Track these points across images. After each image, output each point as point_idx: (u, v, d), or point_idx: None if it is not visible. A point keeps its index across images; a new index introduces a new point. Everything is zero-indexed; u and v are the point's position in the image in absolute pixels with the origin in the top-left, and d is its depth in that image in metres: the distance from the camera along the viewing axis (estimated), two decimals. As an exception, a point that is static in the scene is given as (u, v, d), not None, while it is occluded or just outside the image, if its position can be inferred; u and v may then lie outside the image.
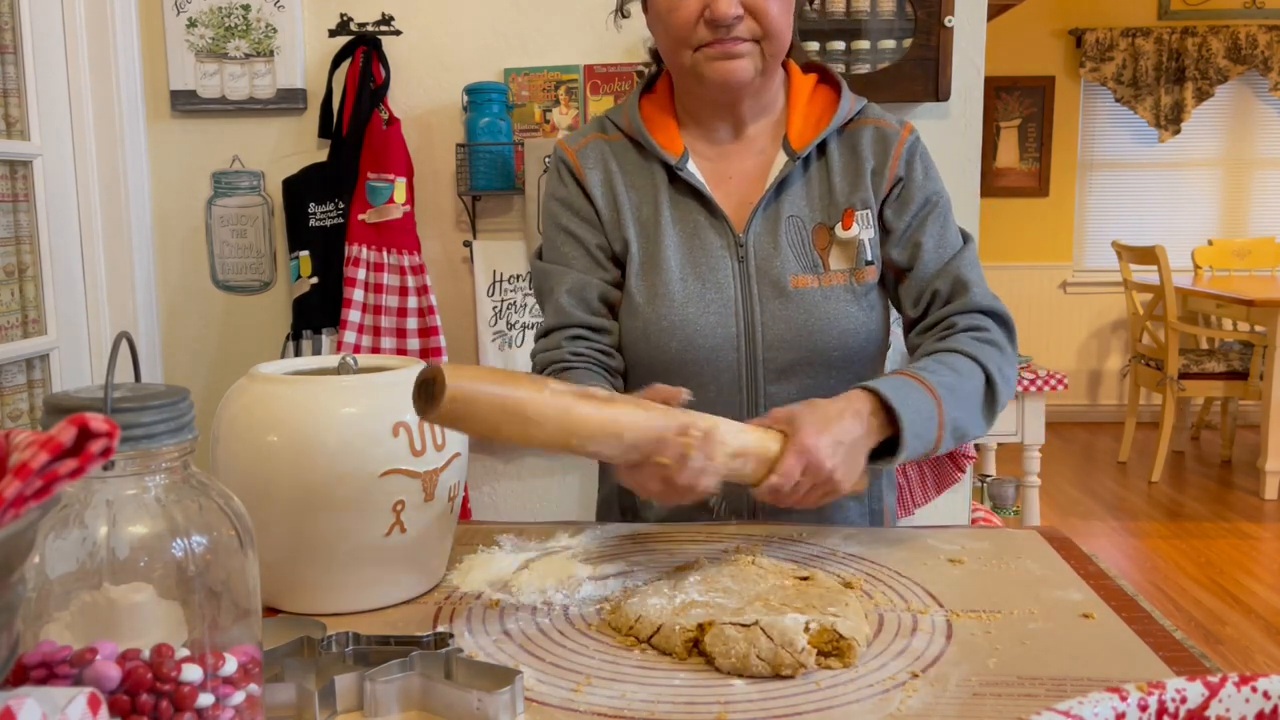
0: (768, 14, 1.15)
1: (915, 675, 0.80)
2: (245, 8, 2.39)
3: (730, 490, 1.18)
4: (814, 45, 2.35)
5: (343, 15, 2.41)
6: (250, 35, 2.40)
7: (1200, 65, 5.69)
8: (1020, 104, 5.84)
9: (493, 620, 0.92)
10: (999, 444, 3.55)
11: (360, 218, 2.33)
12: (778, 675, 0.79)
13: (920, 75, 2.31)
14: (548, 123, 2.40)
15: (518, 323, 2.43)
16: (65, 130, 2.30)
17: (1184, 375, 4.68)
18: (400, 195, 2.33)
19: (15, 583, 0.51)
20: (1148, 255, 4.66)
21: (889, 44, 2.34)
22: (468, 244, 2.44)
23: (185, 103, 2.43)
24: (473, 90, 2.33)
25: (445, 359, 2.38)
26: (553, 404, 0.86)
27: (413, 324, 2.37)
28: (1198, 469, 5.05)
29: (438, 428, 0.94)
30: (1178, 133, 5.78)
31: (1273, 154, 5.88)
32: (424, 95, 2.43)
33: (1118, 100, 5.78)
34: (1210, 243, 5.75)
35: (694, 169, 1.24)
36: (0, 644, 0.50)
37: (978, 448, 3.23)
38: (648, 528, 1.19)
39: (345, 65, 2.37)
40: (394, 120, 2.35)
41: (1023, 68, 5.78)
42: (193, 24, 2.40)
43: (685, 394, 0.98)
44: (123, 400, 0.60)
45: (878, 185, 1.23)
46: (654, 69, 1.34)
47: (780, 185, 1.23)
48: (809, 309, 1.20)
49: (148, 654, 0.59)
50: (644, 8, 1.25)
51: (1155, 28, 5.71)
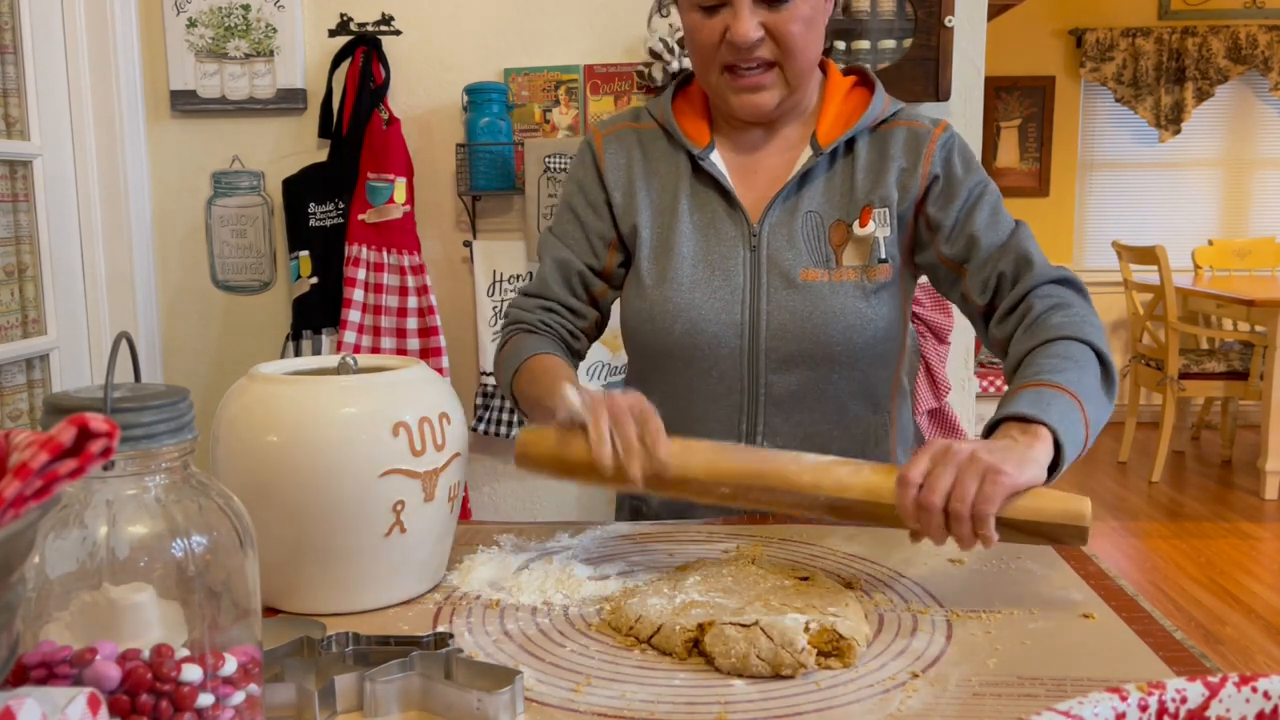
0: (788, 35, 1.15)
1: (915, 675, 0.80)
2: (245, 8, 2.39)
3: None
4: (814, 45, 2.35)
5: (343, 15, 2.41)
6: (250, 35, 2.40)
7: (1200, 65, 5.69)
8: (1020, 104, 5.84)
9: (493, 620, 0.92)
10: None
11: (360, 218, 2.33)
12: (778, 675, 0.79)
13: (920, 75, 2.31)
14: (548, 123, 2.40)
15: (518, 323, 2.43)
16: (65, 130, 2.30)
17: (1184, 375, 4.67)
18: (400, 195, 2.33)
19: (15, 583, 0.51)
20: (1148, 255, 4.66)
21: (889, 44, 2.34)
22: (468, 244, 2.44)
23: (185, 103, 2.43)
24: (473, 90, 2.33)
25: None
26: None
27: (413, 324, 2.37)
28: (1198, 469, 5.05)
29: (438, 427, 0.95)
30: (1178, 133, 5.77)
31: (1273, 154, 5.88)
32: (424, 95, 2.43)
33: (1118, 100, 5.78)
34: (1210, 243, 5.74)
35: (717, 160, 1.26)
36: (0, 644, 0.50)
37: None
38: (648, 527, 1.19)
39: (345, 65, 2.38)
40: (394, 120, 2.35)
41: (1023, 68, 5.78)
42: (193, 24, 2.40)
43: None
44: (123, 400, 0.60)
45: (910, 184, 1.22)
46: (664, 66, 1.35)
47: (802, 179, 1.24)
48: (815, 301, 1.20)
49: (148, 654, 0.59)
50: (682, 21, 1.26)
51: (1155, 28, 5.71)
